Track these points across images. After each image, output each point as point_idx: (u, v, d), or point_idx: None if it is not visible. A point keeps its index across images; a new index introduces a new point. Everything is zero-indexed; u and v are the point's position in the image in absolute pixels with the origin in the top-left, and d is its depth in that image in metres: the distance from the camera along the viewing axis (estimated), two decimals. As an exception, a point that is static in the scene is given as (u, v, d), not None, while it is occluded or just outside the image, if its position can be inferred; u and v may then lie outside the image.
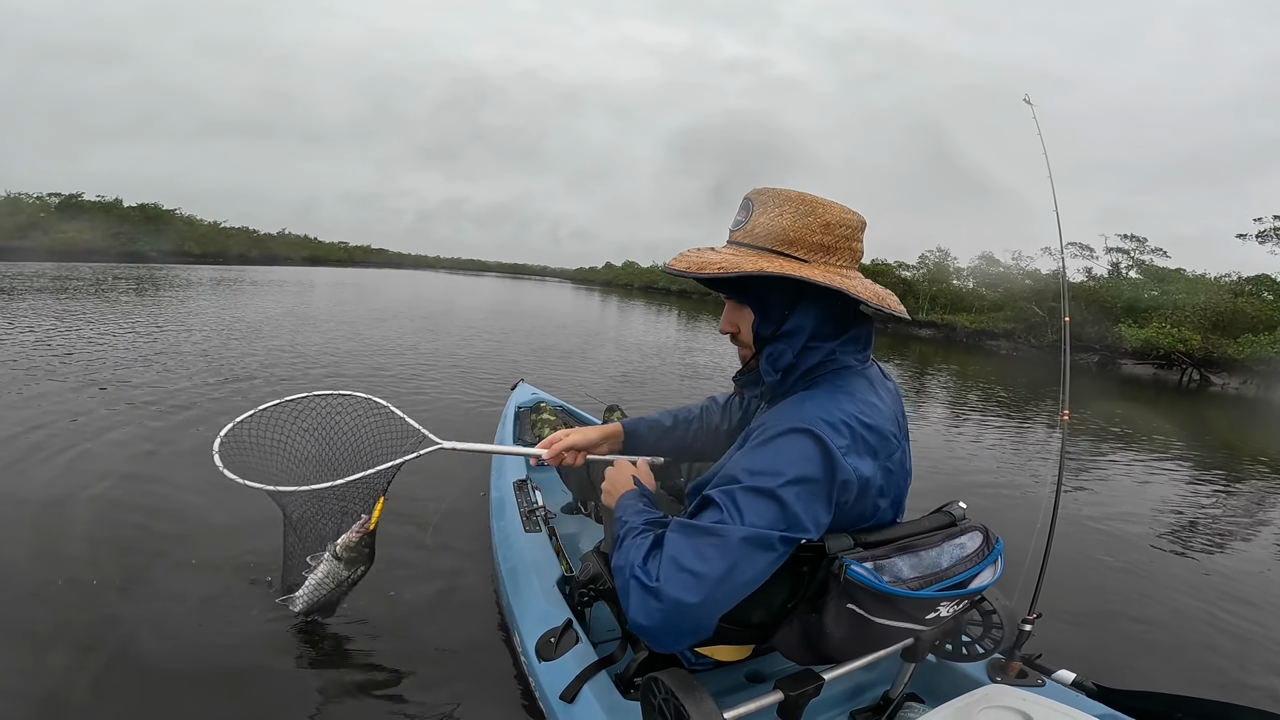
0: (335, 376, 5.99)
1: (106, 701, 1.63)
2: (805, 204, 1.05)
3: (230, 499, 2.77)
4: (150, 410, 4.31)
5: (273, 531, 2.06)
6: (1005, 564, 1.13)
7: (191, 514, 2.71)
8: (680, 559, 0.91)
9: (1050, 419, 7.44)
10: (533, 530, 1.98)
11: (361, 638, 1.98)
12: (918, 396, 8.80)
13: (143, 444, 3.61)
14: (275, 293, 17.48)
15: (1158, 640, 2.42)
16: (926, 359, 15.54)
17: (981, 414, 7.62)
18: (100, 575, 2.18)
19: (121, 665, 1.75)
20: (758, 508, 0.92)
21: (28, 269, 18.49)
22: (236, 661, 1.80)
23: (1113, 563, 3.13)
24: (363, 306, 15.36)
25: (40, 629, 1.88)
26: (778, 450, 0.97)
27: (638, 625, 0.93)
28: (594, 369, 7.86)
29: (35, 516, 2.60)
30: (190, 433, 3.87)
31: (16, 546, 2.35)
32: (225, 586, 2.19)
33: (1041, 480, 4.64)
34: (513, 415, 2.98)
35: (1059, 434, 1.79)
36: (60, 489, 2.86)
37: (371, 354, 7.54)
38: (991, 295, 27.12)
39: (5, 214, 36.57)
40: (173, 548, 2.42)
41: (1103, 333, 20.80)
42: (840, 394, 1.05)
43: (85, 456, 3.32)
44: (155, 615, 1.99)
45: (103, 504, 2.76)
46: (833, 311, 1.10)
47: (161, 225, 44.58)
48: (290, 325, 9.72)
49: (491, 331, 11.79)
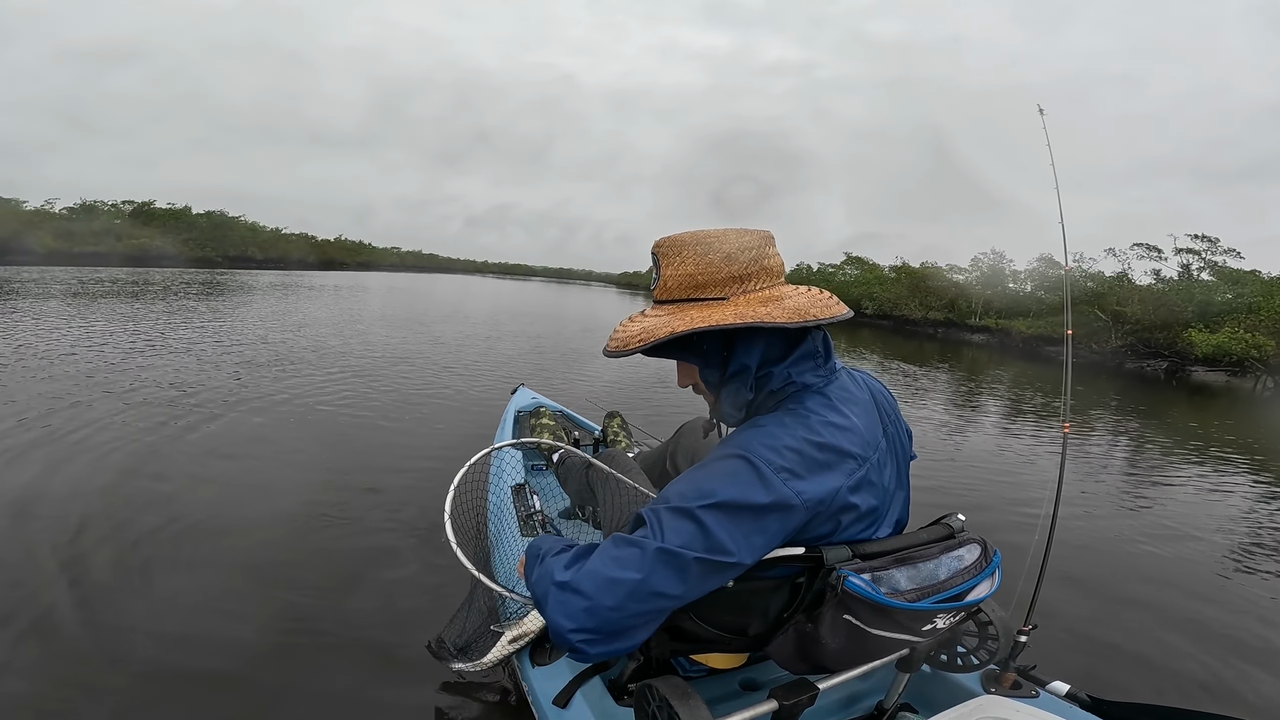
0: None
1: (106, 701, 1.67)
2: (700, 244, 1.05)
3: (232, 499, 2.86)
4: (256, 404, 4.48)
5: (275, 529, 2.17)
6: (1003, 576, 1.12)
7: (197, 512, 2.81)
8: (601, 565, 0.93)
9: (1107, 428, 7.11)
10: (530, 535, 1.98)
11: (357, 640, 2.01)
12: (962, 406, 8.52)
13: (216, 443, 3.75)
14: (351, 298, 18.16)
15: (1152, 653, 2.40)
16: (978, 366, 15.01)
17: (1034, 422, 7.32)
18: (101, 575, 2.26)
19: (121, 665, 1.80)
20: (676, 526, 0.92)
21: (105, 274, 19.59)
22: (236, 661, 1.85)
23: (1110, 574, 3.09)
24: (432, 308, 15.77)
25: (42, 625, 1.96)
26: (709, 474, 0.97)
27: (557, 626, 0.93)
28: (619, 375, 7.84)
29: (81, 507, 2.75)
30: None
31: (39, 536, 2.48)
32: (225, 587, 2.24)
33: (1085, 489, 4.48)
34: (512, 419, 3.00)
35: (1060, 447, 1.80)
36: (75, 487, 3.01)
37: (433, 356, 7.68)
38: (1050, 299, 26.05)
39: (81, 221, 38.81)
40: (180, 546, 2.51)
41: (1171, 338, 19.79)
42: (789, 417, 1.03)
43: (144, 453, 3.48)
44: (156, 615, 2.05)
45: (118, 501, 2.89)
46: (771, 338, 1.07)
47: (227, 231, 46.60)
48: (380, 330, 10.22)
49: (528, 335, 11.98)
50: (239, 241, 45.97)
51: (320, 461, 3.70)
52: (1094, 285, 25.14)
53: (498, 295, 32.07)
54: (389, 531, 2.79)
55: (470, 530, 1.92)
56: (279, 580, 2.32)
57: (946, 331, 28.48)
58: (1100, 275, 26.55)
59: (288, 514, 2.85)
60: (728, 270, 1.04)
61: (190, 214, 45.77)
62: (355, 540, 2.70)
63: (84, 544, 2.45)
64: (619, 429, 2.88)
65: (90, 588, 2.19)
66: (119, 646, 1.89)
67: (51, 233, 33.78)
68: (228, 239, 44.93)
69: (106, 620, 2.01)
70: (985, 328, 26.66)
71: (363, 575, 2.42)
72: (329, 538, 2.69)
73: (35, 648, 1.86)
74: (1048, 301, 25.83)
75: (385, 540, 2.71)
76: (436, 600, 2.26)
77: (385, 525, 2.85)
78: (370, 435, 4.40)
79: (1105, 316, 21.74)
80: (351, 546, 2.63)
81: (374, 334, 10.15)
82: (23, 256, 28.58)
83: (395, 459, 3.82)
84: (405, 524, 2.87)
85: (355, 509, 3.00)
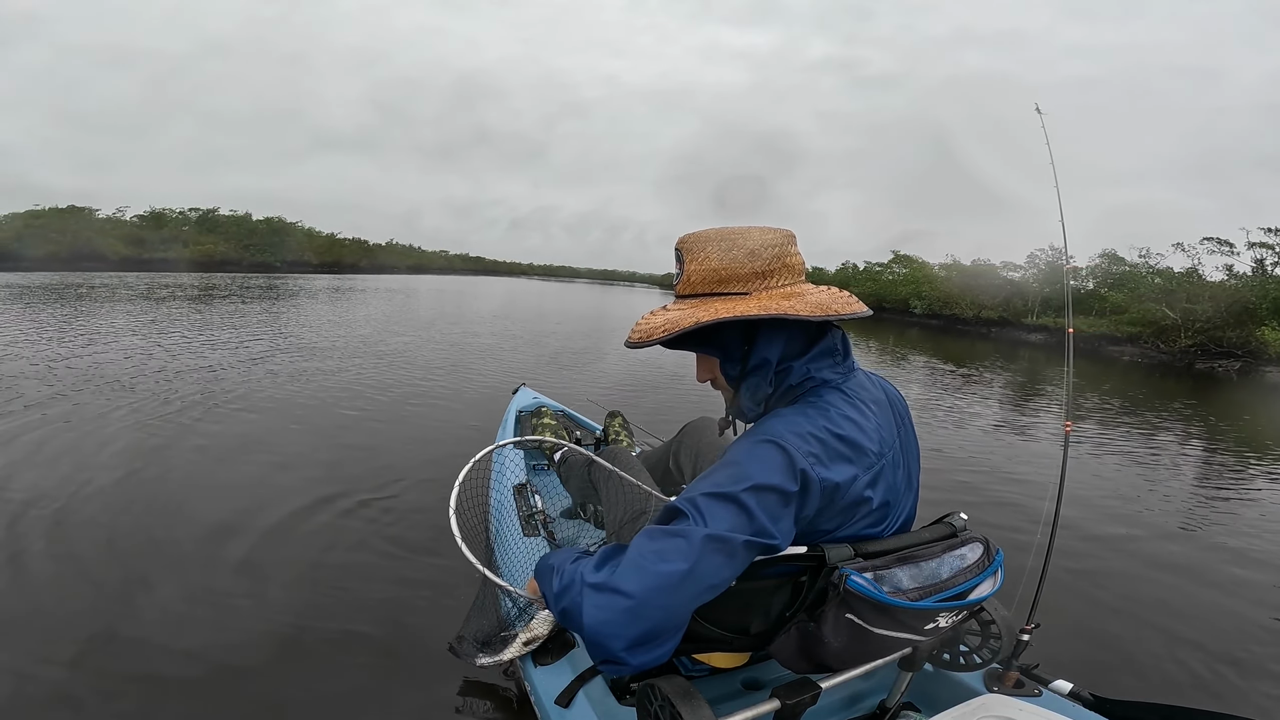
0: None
1: (108, 701, 1.69)
2: (725, 239, 1.07)
3: (237, 497, 2.91)
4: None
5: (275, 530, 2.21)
6: (1005, 574, 1.13)
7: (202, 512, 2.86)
8: (642, 559, 0.90)
9: (1175, 435, 6.73)
10: (531, 534, 1.98)
11: (359, 639, 2.01)
12: (1016, 407, 8.20)
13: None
14: (419, 300, 18.68)
15: (1156, 651, 2.36)
16: (1036, 367, 14.39)
17: (1095, 425, 6.99)
18: (103, 574, 2.30)
19: (122, 665, 1.82)
20: (719, 511, 0.91)
21: (173, 279, 20.58)
22: (236, 661, 1.86)
23: (1112, 572, 3.03)
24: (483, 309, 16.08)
25: (47, 625, 2.00)
26: (741, 460, 0.97)
27: (597, 634, 0.89)
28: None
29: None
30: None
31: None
32: (227, 587, 2.26)
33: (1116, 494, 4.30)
34: (513, 419, 3.01)
35: (1061, 447, 1.79)
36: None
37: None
38: (1115, 296, 24.91)
39: (150, 228, 40.85)
40: (183, 544, 2.55)
41: (1245, 337, 18.70)
42: (811, 409, 1.05)
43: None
44: (157, 614, 2.07)
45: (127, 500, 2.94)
46: (792, 333, 1.10)
47: (285, 237, 48.41)
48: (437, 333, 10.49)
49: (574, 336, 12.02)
50: (295, 246, 47.77)
51: (353, 459, 3.76)
52: (1162, 281, 23.96)
53: (541, 296, 32.43)
54: (390, 531, 2.80)
55: (476, 528, 1.92)
56: (279, 580, 2.33)
57: (1001, 331, 27.49)
58: (1168, 271, 25.34)
59: (287, 515, 2.87)
60: (751, 266, 1.06)
61: (250, 220, 47.83)
62: (355, 540, 2.69)
63: (82, 543, 2.50)
64: (620, 428, 2.87)
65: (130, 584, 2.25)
66: (123, 646, 1.91)
67: (123, 239, 35.74)
68: (285, 244, 46.76)
69: (124, 620, 2.03)
70: (1043, 327, 25.64)
71: (363, 575, 2.42)
72: (329, 538, 2.69)
73: (35, 647, 1.88)
74: (1111, 299, 24.74)
75: (386, 540, 2.71)
76: (439, 600, 2.25)
77: (387, 525, 2.86)
78: (401, 431, 4.49)
79: (1174, 315, 20.66)
80: (351, 547, 2.63)
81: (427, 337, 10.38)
82: (97, 263, 30.29)
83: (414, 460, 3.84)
84: (406, 524, 2.87)
85: (359, 510, 3.00)
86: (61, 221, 35.08)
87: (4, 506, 2.75)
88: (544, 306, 22.80)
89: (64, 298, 13.21)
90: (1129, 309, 22.90)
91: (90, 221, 37.79)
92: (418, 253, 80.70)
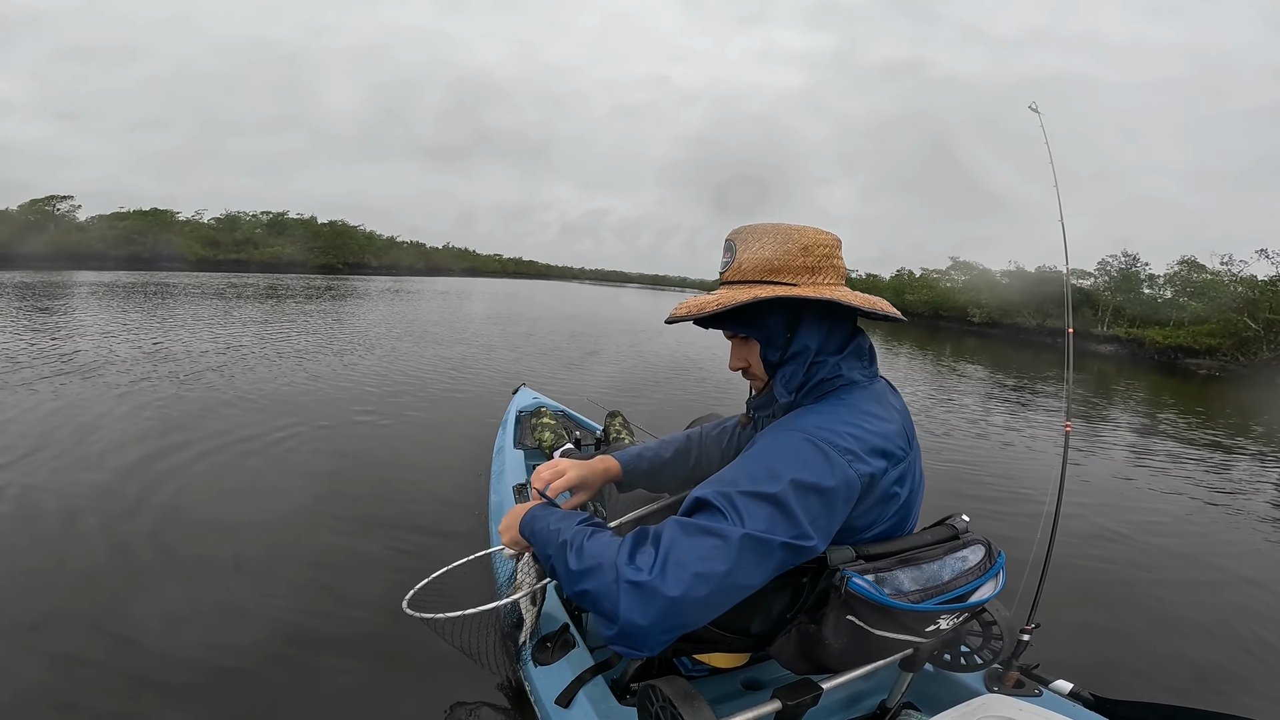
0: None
1: (107, 701, 1.69)
2: (782, 233, 1.11)
3: (239, 497, 2.95)
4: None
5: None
6: (1007, 575, 1.13)
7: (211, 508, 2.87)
8: (682, 557, 0.87)
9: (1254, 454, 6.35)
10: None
11: (357, 639, 1.99)
12: (1092, 420, 7.85)
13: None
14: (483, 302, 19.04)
15: (1156, 651, 2.35)
16: (1106, 379, 13.74)
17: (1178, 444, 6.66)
18: (104, 573, 2.30)
19: (122, 665, 1.82)
20: (755, 510, 0.90)
21: (249, 280, 21.49)
22: (236, 661, 1.86)
23: (1113, 572, 3.00)
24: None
25: (45, 624, 1.99)
26: (772, 455, 0.97)
27: (631, 624, 0.87)
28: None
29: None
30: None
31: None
32: (227, 586, 2.26)
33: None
34: (513, 419, 3.01)
35: (1060, 449, 1.81)
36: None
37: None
38: (1193, 306, 23.61)
39: (225, 231, 42.83)
40: (183, 545, 2.54)
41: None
42: (842, 406, 1.07)
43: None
44: (157, 614, 2.07)
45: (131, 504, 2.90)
46: (832, 328, 1.14)
47: (347, 240, 50.12)
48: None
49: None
50: (357, 249, 49.47)
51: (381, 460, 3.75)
52: (1244, 290, 22.56)
53: (594, 301, 32.44)
54: (390, 531, 2.77)
55: (476, 528, 1.69)
56: (279, 579, 2.33)
57: (1061, 340, 26.32)
58: (1251, 279, 23.57)
59: (288, 514, 2.87)
60: (803, 260, 1.10)
61: (316, 224, 49.76)
62: (355, 540, 2.67)
63: (81, 540, 2.52)
64: (621, 428, 2.84)
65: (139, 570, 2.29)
66: (124, 646, 1.90)
67: (200, 241, 37.65)
68: (347, 247, 48.48)
69: (124, 618, 2.03)
70: (1115, 337, 24.50)
71: (362, 576, 2.39)
72: (328, 540, 2.66)
73: (35, 648, 1.87)
74: (1190, 308, 23.45)
75: (386, 540, 2.68)
76: (439, 600, 2.22)
77: (387, 524, 2.82)
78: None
79: (1257, 325, 19.51)
80: (350, 550, 2.60)
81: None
82: (176, 263, 31.98)
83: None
84: (407, 524, 2.83)
85: (359, 510, 2.97)
86: (144, 223, 37.29)
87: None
88: (595, 312, 22.74)
89: (167, 294, 13.91)
90: (1209, 319, 21.74)
91: (172, 223, 39.91)
92: (472, 255, 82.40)
